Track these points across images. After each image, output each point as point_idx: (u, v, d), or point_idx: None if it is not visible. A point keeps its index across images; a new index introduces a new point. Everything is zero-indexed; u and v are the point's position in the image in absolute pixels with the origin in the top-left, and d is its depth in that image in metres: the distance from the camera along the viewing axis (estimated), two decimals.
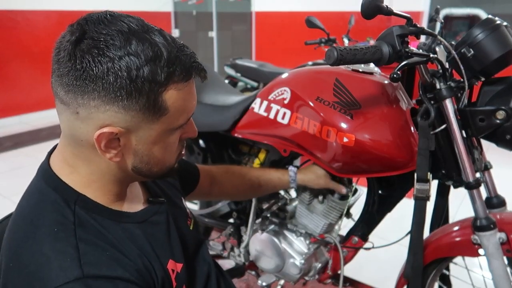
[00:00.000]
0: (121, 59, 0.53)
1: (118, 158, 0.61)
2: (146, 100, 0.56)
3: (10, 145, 3.84)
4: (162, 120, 0.60)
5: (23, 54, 4.45)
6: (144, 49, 0.54)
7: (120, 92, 0.54)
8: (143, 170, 0.64)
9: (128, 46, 0.54)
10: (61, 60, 0.55)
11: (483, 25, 0.91)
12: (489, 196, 1.05)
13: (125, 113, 0.57)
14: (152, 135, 0.61)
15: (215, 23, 6.00)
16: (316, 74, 1.17)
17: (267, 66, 3.41)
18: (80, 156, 0.62)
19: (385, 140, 1.03)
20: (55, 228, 0.58)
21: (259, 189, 1.18)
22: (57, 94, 0.58)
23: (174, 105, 0.59)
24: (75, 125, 0.59)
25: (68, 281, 0.53)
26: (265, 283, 1.38)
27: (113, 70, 0.53)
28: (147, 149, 0.62)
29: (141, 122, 0.58)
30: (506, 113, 0.89)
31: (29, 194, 0.65)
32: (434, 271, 1.14)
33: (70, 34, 0.56)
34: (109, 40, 0.54)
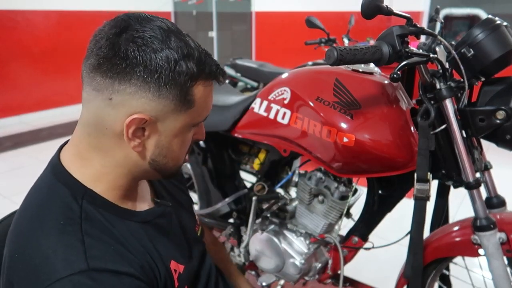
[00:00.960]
0: (162, 51, 0.58)
1: (140, 148, 0.63)
2: (179, 91, 0.60)
3: (10, 145, 3.84)
4: (188, 113, 0.63)
5: (23, 54, 4.45)
6: (180, 46, 0.60)
7: (157, 81, 0.58)
8: (160, 164, 0.66)
9: (168, 41, 0.59)
10: (102, 48, 0.58)
11: (483, 25, 0.91)
12: (489, 196, 1.05)
13: (158, 101, 0.60)
14: (177, 126, 0.64)
15: (215, 23, 6.00)
16: (316, 74, 1.17)
17: (267, 66, 3.41)
18: (97, 146, 0.63)
19: (385, 140, 1.03)
20: (61, 222, 0.59)
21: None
22: (91, 81, 0.60)
23: (200, 100, 0.64)
24: (104, 112, 0.60)
25: (73, 273, 0.54)
26: (265, 283, 1.38)
27: (155, 60, 0.58)
28: (168, 142, 0.65)
29: (170, 112, 0.62)
30: (506, 113, 0.89)
31: (37, 187, 0.66)
32: (434, 271, 1.14)
33: (113, 26, 0.60)
34: (151, 33, 0.59)
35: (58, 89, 4.83)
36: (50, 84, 4.75)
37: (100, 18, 2.35)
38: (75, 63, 4.89)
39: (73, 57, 4.85)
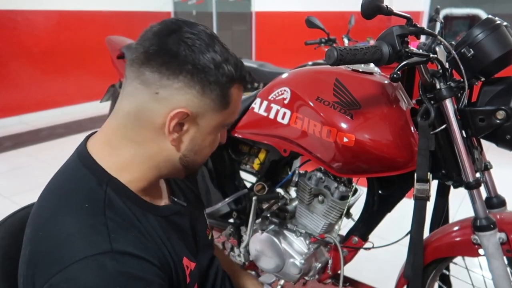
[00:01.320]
0: (209, 52, 0.64)
1: (175, 142, 0.67)
2: (220, 91, 0.65)
3: (10, 145, 3.84)
4: (223, 113, 0.68)
5: (23, 54, 4.45)
6: (222, 50, 0.66)
7: (203, 80, 0.63)
8: (189, 160, 0.70)
9: (213, 45, 0.65)
10: (153, 45, 0.63)
11: (483, 25, 0.91)
12: (489, 196, 1.05)
13: (201, 99, 0.64)
14: (212, 124, 0.68)
15: (215, 23, 5.99)
16: (316, 74, 1.17)
17: (267, 66, 3.41)
18: (132, 138, 0.66)
19: (385, 140, 1.03)
20: (86, 204, 0.61)
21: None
22: (138, 75, 0.63)
23: (233, 102, 0.69)
24: (148, 105, 0.64)
25: (97, 253, 0.56)
26: (265, 283, 1.38)
27: (203, 60, 0.63)
28: (202, 139, 0.69)
29: (209, 110, 0.66)
30: (506, 113, 0.89)
31: (62, 172, 0.69)
32: (434, 271, 1.14)
33: (163, 26, 0.65)
34: (199, 36, 0.64)
35: (58, 89, 4.83)
36: (50, 84, 4.75)
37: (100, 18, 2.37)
38: (75, 63, 4.89)
39: (73, 57, 4.85)
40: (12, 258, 0.73)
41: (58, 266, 0.55)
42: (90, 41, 4.85)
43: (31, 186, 2.95)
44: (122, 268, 0.57)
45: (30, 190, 2.87)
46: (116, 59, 2.01)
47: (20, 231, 0.76)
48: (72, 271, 0.55)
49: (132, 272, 0.58)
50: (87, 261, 0.56)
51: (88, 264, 0.55)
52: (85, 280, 0.55)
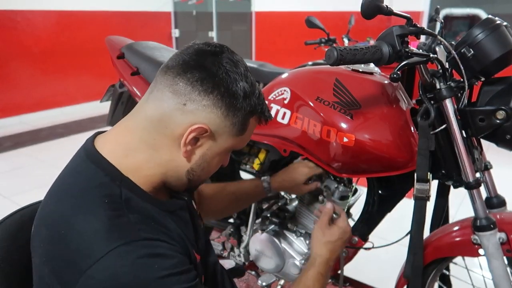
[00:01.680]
0: (241, 81, 0.68)
1: (188, 154, 0.70)
2: (241, 118, 0.70)
3: (10, 145, 3.84)
4: (237, 138, 0.73)
5: (23, 54, 4.45)
6: (252, 82, 0.71)
7: (230, 104, 0.67)
8: (195, 175, 0.73)
9: (245, 75, 0.70)
10: (193, 60, 0.67)
11: (483, 25, 0.91)
12: (489, 196, 1.05)
13: (223, 120, 0.68)
14: (224, 146, 0.72)
15: (215, 23, 5.99)
16: (316, 74, 1.17)
17: (267, 66, 3.40)
18: (149, 142, 0.68)
19: (385, 140, 1.03)
20: (105, 200, 0.63)
21: (237, 203, 1.21)
22: (171, 84, 0.67)
23: (248, 131, 0.74)
24: (172, 114, 0.67)
25: (128, 241, 0.59)
26: (265, 283, 1.38)
27: (235, 87, 0.67)
28: (211, 157, 0.72)
29: (227, 132, 0.70)
30: (506, 113, 0.89)
31: (71, 171, 0.70)
32: (434, 271, 1.14)
33: (208, 46, 0.69)
34: (238, 65, 0.69)
35: (58, 89, 4.83)
36: (50, 84, 4.75)
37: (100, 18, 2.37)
38: (75, 63, 4.89)
39: (73, 57, 4.85)
40: (11, 258, 0.73)
41: (91, 260, 0.57)
42: (90, 41, 4.85)
43: (31, 186, 2.95)
44: (154, 250, 0.60)
45: (30, 190, 2.87)
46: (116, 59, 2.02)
47: (19, 232, 0.76)
48: (106, 261, 0.57)
49: (163, 253, 0.61)
50: (119, 250, 0.58)
51: (120, 253, 0.58)
52: (120, 267, 0.57)
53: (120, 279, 0.57)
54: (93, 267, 0.57)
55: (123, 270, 0.57)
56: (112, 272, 0.57)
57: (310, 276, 0.93)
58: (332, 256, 0.98)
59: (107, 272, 0.57)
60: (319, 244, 0.99)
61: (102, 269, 0.57)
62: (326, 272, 0.96)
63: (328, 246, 0.98)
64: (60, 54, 4.73)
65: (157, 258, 0.60)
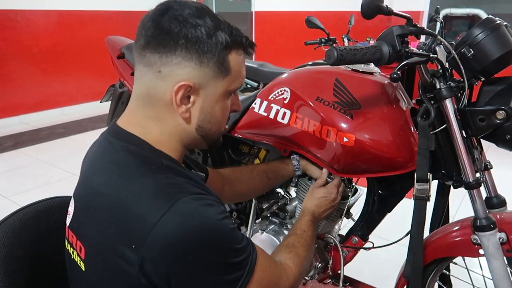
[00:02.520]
0: (200, 25, 0.67)
1: (187, 115, 0.71)
2: (217, 59, 0.69)
3: (10, 145, 3.84)
4: (225, 80, 0.72)
5: (23, 54, 4.45)
6: (214, 20, 0.69)
7: (198, 51, 0.67)
8: (205, 130, 0.74)
9: (203, 17, 0.68)
10: (149, 28, 0.68)
11: (483, 25, 0.91)
12: (489, 196, 1.05)
13: (200, 69, 0.68)
14: (216, 93, 0.72)
15: None
16: (316, 74, 1.17)
17: (267, 66, 3.41)
18: (153, 116, 0.72)
19: (385, 140, 1.03)
20: (152, 167, 0.68)
21: (268, 183, 1.23)
22: (142, 59, 0.70)
23: (235, 68, 0.72)
24: (155, 85, 0.69)
25: (186, 195, 0.64)
26: None
27: (195, 33, 0.67)
28: (211, 107, 0.73)
29: (211, 79, 0.70)
30: (506, 113, 0.89)
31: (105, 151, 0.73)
32: (434, 271, 1.14)
33: (155, 9, 0.70)
34: (189, 11, 0.68)
35: (58, 89, 4.83)
36: (50, 84, 4.75)
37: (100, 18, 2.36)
38: (75, 63, 4.89)
39: (73, 57, 4.85)
40: (14, 257, 0.73)
41: (158, 213, 0.61)
42: (90, 41, 4.85)
43: (31, 186, 2.95)
44: (206, 201, 0.66)
45: (30, 190, 2.87)
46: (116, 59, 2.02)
47: (23, 230, 0.76)
48: (173, 212, 0.62)
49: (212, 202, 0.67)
50: (182, 201, 0.63)
51: (183, 203, 0.63)
52: (188, 214, 0.62)
53: (190, 223, 0.62)
54: (162, 219, 0.61)
55: (190, 216, 0.62)
56: (182, 219, 0.61)
57: (303, 222, 1.06)
58: (317, 210, 1.11)
59: (177, 220, 0.61)
60: (306, 200, 1.14)
61: (172, 219, 0.61)
62: (314, 221, 1.09)
63: (314, 202, 1.12)
64: (60, 54, 4.73)
65: (212, 206, 0.66)
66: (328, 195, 1.13)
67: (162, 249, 0.61)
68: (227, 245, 0.67)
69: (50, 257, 0.79)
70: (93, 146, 0.78)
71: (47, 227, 0.81)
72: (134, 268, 0.62)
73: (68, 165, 3.30)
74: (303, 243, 0.97)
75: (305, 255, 0.94)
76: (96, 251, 0.67)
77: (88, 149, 0.80)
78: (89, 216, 0.70)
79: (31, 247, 0.77)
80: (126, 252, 0.62)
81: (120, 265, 0.63)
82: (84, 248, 0.69)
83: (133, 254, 0.62)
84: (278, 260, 0.88)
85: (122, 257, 0.63)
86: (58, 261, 0.78)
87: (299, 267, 0.89)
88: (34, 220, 0.80)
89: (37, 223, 0.80)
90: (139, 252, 0.61)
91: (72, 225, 0.74)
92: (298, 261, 0.90)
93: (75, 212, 0.73)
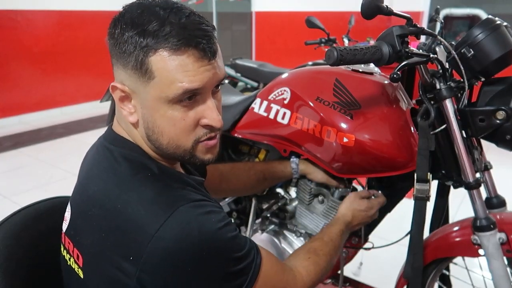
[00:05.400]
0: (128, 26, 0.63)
1: (132, 119, 0.69)
2: (134, 60, 0.63)
3: (10, 145, 3.84)
4: (151, 85, 0.64)
5: (23, 54, 4.45)
6: (144, 18, 0.62)
7: (121, 54, 0.64)
8: (153, 140, 0.69)
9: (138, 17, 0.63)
10: None
11: (483, 25, 0.91)
12: (489, 196, 1.05)
13: (125, 71, 0.65)
14: (148, 99, 0.65)
15: (215, 23, 5.99)
16: (316, 74, 1.17)
17: (267, 66, 3.41)
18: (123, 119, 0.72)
19: (385, 140, 1.03)
20: (149, 174, 0.67)
21: (264, 182, 1.23)
22: None
23: (161, 71, 0.63)
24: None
25: (184, 203, 0.63)
26: None
27: (121, 35, 0.63)
28: (150, 115, 0.67)
29: (136, 82, 0.65)
30: (506, 113, 0.89)
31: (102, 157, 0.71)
32: (434, 271, 1.14)
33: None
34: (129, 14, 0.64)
35: (58, 89, 4.83)
36: (50, 84, 4.75)
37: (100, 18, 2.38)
38: (75, 63, 4.89)
39: (73, 57, 4.85)
40: (14, 258, 0.73)
41: (157, 224, 0.60)
42: (90, 41, 4.85)
43: (31, 186, 2.95)
44: (205, 209, 0.65)
45: (30, 190, 2.87)
46: None
47: (23, 231, 0.76)
48: (171, 222, 0.61)
49: (212, 209, 0.66)
50: (180, 211, 0.62)
51: (181, 213, 0.62)
52: (187, 224, 0.61)
53: (188, 234, 0.61)
54: (161, 229, 0.60)
55: (189, 227, 0.61)
56: (180, 230, 0.60)
57: (334, 229, 1.01)
58: (353, 220, 1.06)
59: (175, 231, 0.60)
60: (345, 207, 1.09)
61: (170, 229, 0.60)
62: (346, 233, 1.04)
63: (353, 212, 1.07)
64: (60, 54, 4.73)
65: (211, 214, 0.65)
66: (369, 211, 1.09)
67: (160, 260, 0.60)
68: (227, 255, 0.65)
69: (50, 257, 0.79)
70: (91, 149, 0.77)
71: (47, 228, 0.81)
72: (131, 279, 0.61)
73: (68, 165, 3.30)
74: (326, 253, 0.92)
75: (324, 266, 0.90)
76: (93, 260, 0.66)
77: (87, 151, 0.79)
78: (86, 225, 0.68)
79: (31, 248, 0.76)
80: (123, 263, 0.62)
81: (118, 276, 0.62)
82: (82, 257, 0.68)
83: (131, 266, 0.61)
84: (291, 264, 0.84)
85: (120, 269, 0.62)
86: (58, 261, 0.78)
87: (313, 277, 0.85)
88: (35, 220, 0.80)
89: (38, 223, 0.80)
90: (137, 264, 0.60)
91: (69, 232, 0.72)
92: (313, 270, 0.86)
93: (71, 219, 0.72)
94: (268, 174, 1.21)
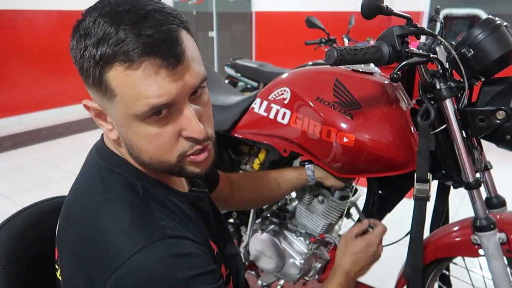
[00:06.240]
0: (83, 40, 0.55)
1: (112, 135, 0.64)
2: (92, 78, 0.56)
3: (10, 145, 3.84)
4: (116, 101, 0.57)
5: (23, 54, 4.45)
6: (101, 28, 0.53)
7: (79, 69, 0.58)
8: (134, 156, 0.64)
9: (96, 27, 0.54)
10: None
11: (483, 25, 0.91)
12: (489, 196, 1.05)
13: (89, 89, 0.60)
14: (117, 117, 0.59)
15: (215, 23, 6.00)
16: (316, 74, 1.17)
17: (267, 66, 3.41)
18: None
19: (385, 140, 1.03)
20: (129, 197, 0.62)
21: (279, 191, 1.16)
22: None
23: (122, 88, 0.55)
24: None
25: (155, 240, 0.57)
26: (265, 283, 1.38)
27: (74, 47, 0.57)
28: (124, 132, 0.62)
29: (102, 101, 0.59)
30: (506, 113, 0.89)
31: (89, 172, 0.68)
32: (434, 271, 1.14)
33: None
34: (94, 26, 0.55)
35: (58, 89, 4.83)
36: (50, 84, 4.75)
37: None
38: None
39: None
40: (17, 258, 0.72)
41: (119, 260, 0.56)
42: None
43: (31, 186, 2.95)
44: (180, 250, 0.58)
45: (30, 190, 2.87)
46: None
47: (26, 231, 0.75)
48: (134, 261, 0.55)
49: (189, 252, 0.59)
50: (147, 250, 0.56)
51: (149, 252, 0.56)
52: (150, 266, 0.55)
53: (149, 279, 0.55)
54: (122, 267, 0.55)
55: (152, 270, 0.55)
56: (142, 272, 0.55)
57: (331, 285, 0.92)
58: (353, 267, 0.95)
59: (136, 272, 0.55)
60: (340, 253, 0.99)
61: (131, 269, 0.55)
62: (348, 283, 0.93)
63: (350, 257, 0.96)
64: (60, 54, 4.73)
65: (184, 257, 0.58)
66: (367, 249, 0.98)
67: None
68: None
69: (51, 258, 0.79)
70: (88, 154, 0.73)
71: (49, 227, 0.81)
72: None
73: (68, 165, 3.30)
74: None
75: None
76: (68, 282, 0.64)
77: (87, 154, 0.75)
78: (65, 244, 0.65)
79: (33, 248, 0.76)
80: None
81: None
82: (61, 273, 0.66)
83: None
84: None
85: None
86: None
87: None
88: (37, 220, 0.79)
89: (40, 223, 0.80)
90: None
91: (56, 241, 0.70)
92: None
93: (59, 230, 0.69)
94: (283, 182, 1.15)
